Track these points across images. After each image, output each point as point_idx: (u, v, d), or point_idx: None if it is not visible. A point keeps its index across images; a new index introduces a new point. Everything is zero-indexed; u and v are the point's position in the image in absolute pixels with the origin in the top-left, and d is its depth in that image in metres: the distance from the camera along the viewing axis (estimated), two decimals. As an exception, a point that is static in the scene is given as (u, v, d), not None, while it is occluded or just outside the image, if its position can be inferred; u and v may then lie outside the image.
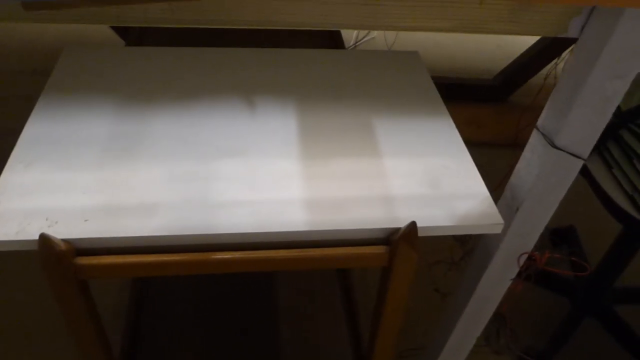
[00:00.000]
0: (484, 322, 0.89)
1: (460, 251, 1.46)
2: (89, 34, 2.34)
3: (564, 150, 0.62)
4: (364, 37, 2.26)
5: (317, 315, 1.17)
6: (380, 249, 0.66)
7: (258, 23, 0.58)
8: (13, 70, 2.09)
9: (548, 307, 1.46)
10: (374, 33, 2.31)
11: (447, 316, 0.94)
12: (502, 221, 0.68)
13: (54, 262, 0.60)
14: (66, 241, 0.61)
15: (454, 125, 0.82)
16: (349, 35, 2.30)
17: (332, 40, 1.18)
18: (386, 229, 0.66)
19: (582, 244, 1.55)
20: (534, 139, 0.67)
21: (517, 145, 1.32)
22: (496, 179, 0.86)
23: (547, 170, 0.66)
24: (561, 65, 1.13)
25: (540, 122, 0.65)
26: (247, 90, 0.86)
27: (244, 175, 0.71)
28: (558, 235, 1.57)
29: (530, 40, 2.43)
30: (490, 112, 1.96)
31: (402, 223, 0.66)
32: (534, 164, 0.67)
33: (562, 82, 0.62)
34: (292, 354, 1.11)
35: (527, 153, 0.69)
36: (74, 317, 0.67)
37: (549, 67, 1.97)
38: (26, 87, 1.95)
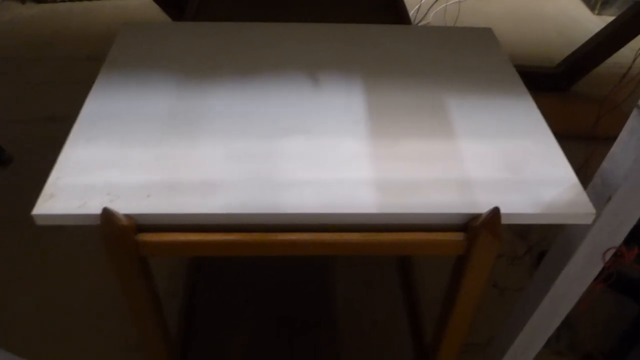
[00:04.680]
0: (558, 321, 0.83)
1: (524, 246, 1.38)
2: (141, 21, 2.35)
3: (671, 132, 0.55)
4: (419, 22, 2.19)
5: (376, 306, 1.13)
6: (457, 236, 0.61)
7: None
8: (67, 57, 2.13)
9: (610, 307, 1.37)
10: (429, 17, 2.23)
11: (515, 313, 0.88)
12: (593, 210, 0.62)
13: (116, 238, 0.57)
14: (128, 216, 0.58)
15: (535, 106, 0.75)
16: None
17: (397, 16, 1.12)
18: (464, 214, 0.61)
19: (653, 242, 1.45)
20: (634, 120, 0.60)
21: (591, 137, 1.24)
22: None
23: (649, 154, 0.59)
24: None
25: (642, 100, 0.59)
26: (310, 66, 0.81)
27: (309, 153, 0.67)
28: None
29: (593, 27, 2.30)
30: (552, 101, 1.86)
31: (482, 209, 0.60)
32: (632, 146, 0.60)
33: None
34: (349, 344, 1.08)
35: (624, 135, 0.62)
36: (133, 293, 0.64)
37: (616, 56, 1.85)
38: (80, 73, 1.99)
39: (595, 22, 2.47)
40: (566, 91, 1.98)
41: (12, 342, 1.15)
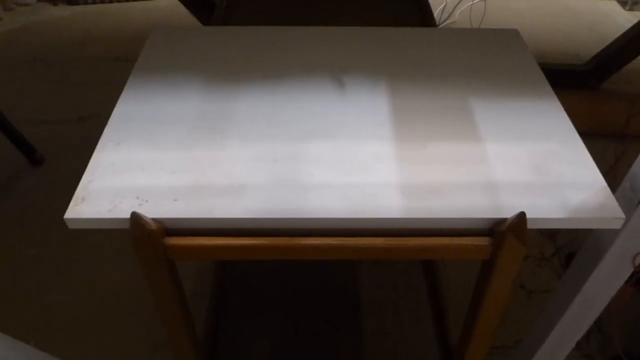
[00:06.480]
0: (587, 324, 0.82)
1: (552, 247, 1.36)
2: (170, 23, 2.39)
3: None
4: (445, 20, 2.17)
5: (401, 307, 1.12)
6: (483, 241, 0.60)
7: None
8: (98, 58, 2.17)
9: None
10: (455, 16, 2.20)
11: (544, 315, 0.87)
12: (623, 215, 0.60)
13: (144, 241, 0.59)
14: (156, 220, 0.60)
15: (561, 108, 0.74)
16: (428, 19, 2.21)
17: (422, 17, 1.12)
18: (490, 219, 0.60)
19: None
20: (666, 122, 0.58)
21: (623, 135, 1.21)
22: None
23: (681, 157, 0.57)
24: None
25: (675, 102, 0.57)
26: (336, 70, 0.82)
27: (334, 157, 0.67)
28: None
29: (625, 23, 2.24)
30: (582, 99, 1.82)
31: (508, 213, 0.60)
32: (664, 150, 0.59)
33: None
34: (374, 344, 1.08)
35: (655, 138, 0.60)
36: (162, 295, 0.66)
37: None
38: (111, 73, 2.02)
39: (626, 18, 2.41)
40: (596, 89, 1.93)
41: (41, 338, 1.18)
